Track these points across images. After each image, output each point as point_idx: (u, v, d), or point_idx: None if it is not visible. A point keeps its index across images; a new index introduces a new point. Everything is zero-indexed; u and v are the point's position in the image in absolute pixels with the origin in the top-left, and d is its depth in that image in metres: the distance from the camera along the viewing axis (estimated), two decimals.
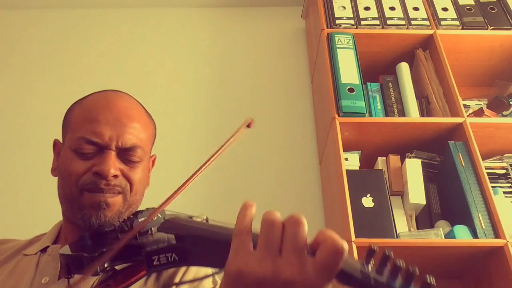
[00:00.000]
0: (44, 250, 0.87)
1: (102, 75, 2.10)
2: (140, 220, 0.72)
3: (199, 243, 0.61)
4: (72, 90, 2.06)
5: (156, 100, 2.05)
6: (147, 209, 0.75)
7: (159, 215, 0.70)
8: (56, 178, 0.88)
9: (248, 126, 0.73)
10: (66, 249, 0.73)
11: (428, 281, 0.49)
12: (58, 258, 0.82)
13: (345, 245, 0.48)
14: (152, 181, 0.95)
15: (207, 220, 0.73)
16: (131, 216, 0.76)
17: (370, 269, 0.52)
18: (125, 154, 0.83)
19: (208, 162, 0.70)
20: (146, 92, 2.08)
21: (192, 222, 0.65)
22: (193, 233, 0.62)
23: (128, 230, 0.71)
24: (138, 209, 0.86)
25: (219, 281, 0.86)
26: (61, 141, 0.91)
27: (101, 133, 0.81)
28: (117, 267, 0.74)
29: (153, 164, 0.96)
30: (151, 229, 0.70)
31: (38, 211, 1.73)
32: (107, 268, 0.67)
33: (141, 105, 0.92)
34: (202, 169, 0.69)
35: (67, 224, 0.88)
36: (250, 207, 0.58)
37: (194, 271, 0.85)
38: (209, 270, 0.87)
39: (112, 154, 0.81)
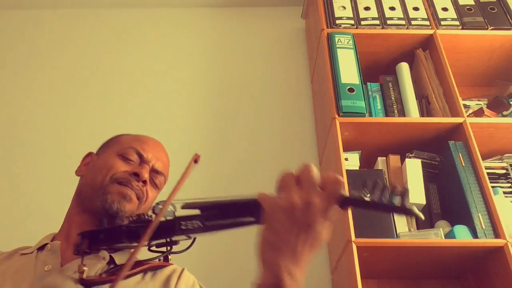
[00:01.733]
0: (41, 248, 0.92)
1: (102, 75, 2.10)
2: (154, 208, 0.81)
3: (222, 210, 0.73)
4: (72, 90, 2.06)
5: (156, 100, 2.05)
6: (157, 203, 0.83)
7: (170, 206, 0.80)
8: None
9: (195, 161, 0.84)
10: (84, 231, 0.82)
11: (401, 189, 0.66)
12: (58, 252, 0.89)
13: (341, 177, 0.67)
14: None
15: None
16: (142, 213, 0.86)
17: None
18: (153, 176, 1.02)
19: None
20: (146, 92, 2.08)
21: (210, 198, 0.76)
22: (216, 203, 0.74)
23: (143, 220, 0.80)
24: None
25: None
26: (95, 154, 1.08)
27: (147, 150, 1.03)
28: (117, 261, 0.87)
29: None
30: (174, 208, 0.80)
31: (39, 213, 1.73)
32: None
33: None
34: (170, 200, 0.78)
35: (76, 217, 0.96)
36: None
37: (185, 280, 0.93)
38: (196, 283, 0.97)
39: (148, 168, 1.01)
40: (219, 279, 1.56)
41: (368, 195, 0.66)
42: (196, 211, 0.75)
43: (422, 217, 0.68)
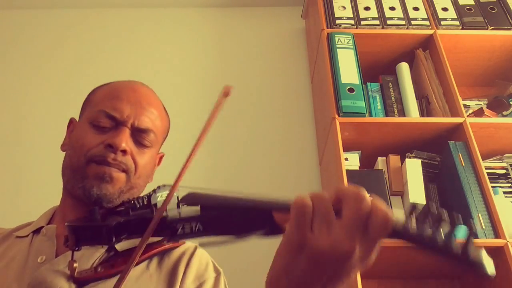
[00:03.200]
0: (37, 231, 0.85)
1: (102, 75, 2.09)
2: (158, 194, 0.71)
3: (226, 212, 0.61)
4: (72, 90, 2.06)
5: None
6: (162, 186, 0.74)
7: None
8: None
9: (226, 95, 0.75)
10: (73, 221, 0.71)
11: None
12: (53, 238, 0.82)
13: (391, 214, 0.52)
14: (155, 179, 0.93)
15: None
16: (140, 197, 0.75)
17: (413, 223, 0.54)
18: (138, 136, 0.85)
19: (204, 133, 0.73)
20: None
21: (215, 193, 0.65)
22: (220, 203, 0.63)
23: (141, 207, 0.70)
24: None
25: (222, 282, 0.85)
26: (77, 120, 0.93)
27: (120, 109, 0.84)
28: (118, 248, 0.75)
29: (159, 163, 0.96)
30: (178, 201, 0.69)
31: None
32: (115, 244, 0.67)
33: (159, 100, 0.95)
34: (200, 142, 0.72)
35: (66, 200, 0.87)
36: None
37: (197, 263, 0.84)
38: (210, 263, 0.87)
39: (127, 131, 0.83)
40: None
41: (416, 225, 0.54)
42: (196, 208, 0.64)
43: (493, 272, 0.50)
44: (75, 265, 0.72)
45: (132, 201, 0.72)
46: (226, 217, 0.61)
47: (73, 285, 0.72)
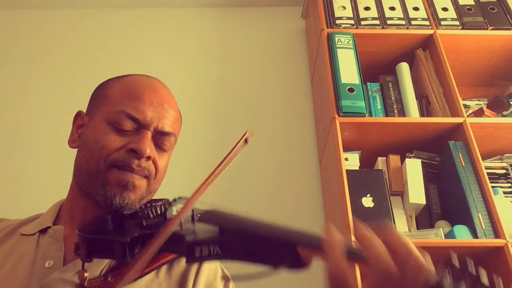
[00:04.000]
0: (44, 231, 0.81)
1: (102, 75, 2.09)
2: (174, 208, 0.69)
3: (246, 238, 0.59)
4: (72, 90, 2.06)
5: None
6: (178, 198, 0.73)
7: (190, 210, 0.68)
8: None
9: (246, 141, 0.75)
10: (85, 229, 0.69)
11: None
12: (61, 241, 0.78)
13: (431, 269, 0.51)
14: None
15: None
16: (154, 203, 0.74)
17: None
18: (159, 139, 0.81)
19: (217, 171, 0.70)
20: None
21: (237, 216, 0.63)
22: (241, 227, 0.60)
23: (154, 218, 0.69)
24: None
25: None
26: (85, 113, 0.87)
27: (143, 111, 0.79)
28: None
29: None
30: (193, 216, 0.67)
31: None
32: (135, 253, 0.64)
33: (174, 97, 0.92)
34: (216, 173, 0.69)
35: (78, 201, 0.82)
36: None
37: (207, 271, 0.82)
38: (219, 271, 0.85)
39: (149, 135, 0.79)
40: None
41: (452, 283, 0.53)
42: (214, 229, 0.61)
43: None
44: (85, 274, 0.70)
45: (146, 211, 0.70)
46: (247, 245, 0.58)
47: None
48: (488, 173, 1.53)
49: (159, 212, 0.71)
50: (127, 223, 0.71)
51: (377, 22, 1.84)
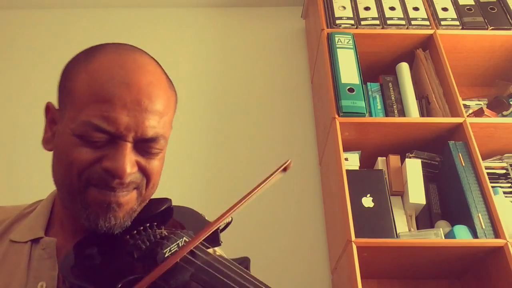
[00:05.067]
0: (36, 240, 0.73)
1: None
2: (165, 251, 0.60)
3: None
4: None
5: None
6: (175, 233, 0.64)
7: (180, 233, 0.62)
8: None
9: (284, 170, 0.65)
10: (68, 266, 0.62)
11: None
12: (54, 256, 0.70)
13: None
14: None
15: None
16: (148, 227, 0.66)
17: None
18: (144, 146, 0.66)
19: (245, 200, 0.65)
20: None
21: (231, 278, 0.57)
22: None
23: (146, 250, 0.61)
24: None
25: None
26: (55, 106, 0.73)
27: (115, 120, 0.62)
28: None
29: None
30: (193, 257, 0.60)
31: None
32: None
33: (162, 69, 0.76)
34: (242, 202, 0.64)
35: (64, 210, 0.73)
36: None
37: None
38: None
39: (128, 146, 0.64)
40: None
41: None
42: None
43: None
44: None
45: (138, 238, 0.63)
46: None
47: None
48: (488, 173, 1.53)
49: (153, 239, 0.63)
50: (116, 256, 0.64)
51: (377, 22, 1.84)
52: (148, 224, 0.67)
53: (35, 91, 2.08)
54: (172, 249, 0.60)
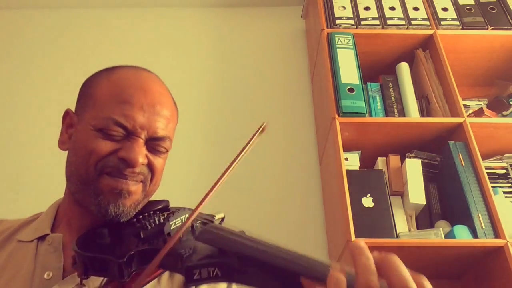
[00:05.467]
0: (42, 238, 0.78)
1: None
2: (171, 223, 0.66)
3: (247, 262, 0.56)
4: (71, 89, 2.06)
5: None
6: (173, 212, 0.69)
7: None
8: (60, 153, 0.81)
9: (262, 130, 0.72)
10: (81, 245, 0.67)
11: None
12: (60, 249, 0.76)
13: None
14: None
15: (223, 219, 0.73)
16: (151, 213, 0.73)
17: None
18: (153, 144, 0.77)
19: (232, 166, 0.71)
20: None
21: (236, 235, 0.60)
22: (240, 250, 0.57)
23: (153, 229, 0.67)
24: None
25: None
26: (74, 112, 0.83)
27: (133, 118, 0.74)
28: None
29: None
30: (193, 230, 0.65)
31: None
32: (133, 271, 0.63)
33: (166, 87, 0.86)
34: (229, 170, 0.70)
35: (73, 207, 0.79)
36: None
37: None
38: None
39: (141, 142, 0.75)
40: None
41: None
42: (213, 249, 0.59)
43: None
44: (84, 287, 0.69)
45: (144, 222, 0.69)
46: (248, 269, 0.56)
47: None
48: (488, 173, 1.53)
49: (157, 222, 0.69)
50: (124, 236, 0.70)
51: (377, 22, 1.84)
52: (152, 211, 0.74)
53: (35, 91, 2.08)
54: (177, 222, 0.67)
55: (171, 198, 0.83)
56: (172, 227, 0.66)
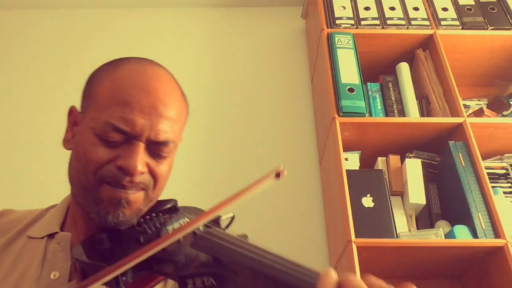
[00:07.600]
0: (52, 236, 0.78)
1: None
2: (168, 228, 0.65)
3: (242, 271, 0.55)
4: (72, 89, 2.06)
5: None
6: (170, 216, 0.69)
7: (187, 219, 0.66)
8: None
9: (277, 175, 0.68)
10: (80, 251, 0.67)
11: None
12: (68, 249, 0.75)
13: None
14: None
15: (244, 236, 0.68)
16: (154, 216, 0.71)
17: None
18: (155, 148, 0.73)
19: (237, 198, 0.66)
20: None
21: (232, 243, 0.58)
22: (234, 260, 0.56)
23: (153, 234, 0.65)
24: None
25: None
26: (78, 109, 0.80)
27: (133, 121, 0.70)
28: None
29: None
30: (194, 235, 0.62)
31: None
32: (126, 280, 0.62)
33: (178, 83, 0.83)
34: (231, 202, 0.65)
35: (77, 207, 0.79)
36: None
37: None
38: None
39: (141, 146, 0.71)
40: None
41: None
42: (207, 258, 0.58)
43: None
44: None
45: (144, 226, 0.68)
46: (242, 280, 0.55)
47: None
48: (488, 173, 1.53)
49: (158, 225, 0.67)
50: (124, 241, 0.69)
51: (377, 22, 1.84)
52: (154, 214, 0.72)
53: (35, 91, 2.08)
54: (175, 226, 0.66)
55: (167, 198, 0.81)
56: (170, 232, 0.65)
